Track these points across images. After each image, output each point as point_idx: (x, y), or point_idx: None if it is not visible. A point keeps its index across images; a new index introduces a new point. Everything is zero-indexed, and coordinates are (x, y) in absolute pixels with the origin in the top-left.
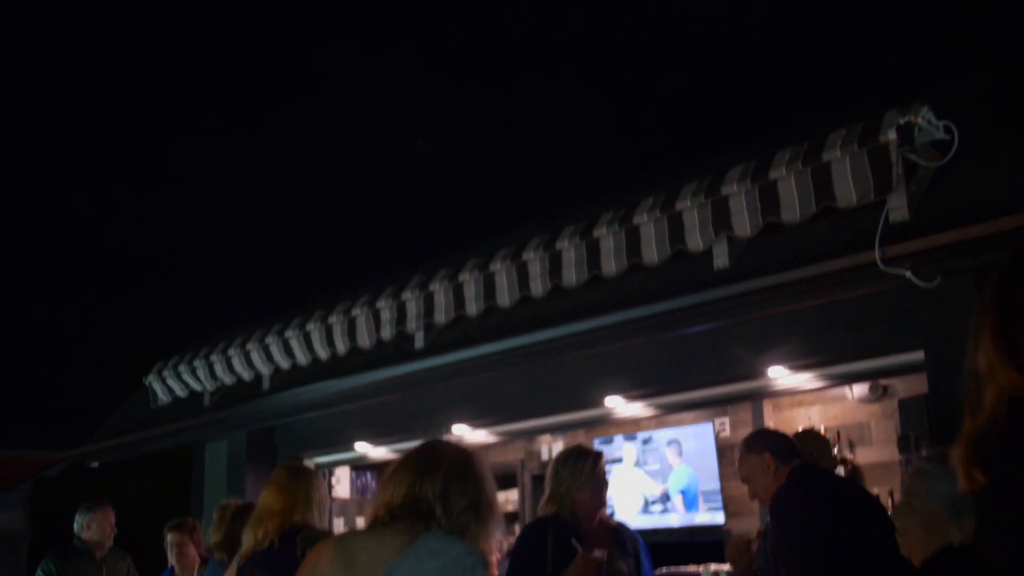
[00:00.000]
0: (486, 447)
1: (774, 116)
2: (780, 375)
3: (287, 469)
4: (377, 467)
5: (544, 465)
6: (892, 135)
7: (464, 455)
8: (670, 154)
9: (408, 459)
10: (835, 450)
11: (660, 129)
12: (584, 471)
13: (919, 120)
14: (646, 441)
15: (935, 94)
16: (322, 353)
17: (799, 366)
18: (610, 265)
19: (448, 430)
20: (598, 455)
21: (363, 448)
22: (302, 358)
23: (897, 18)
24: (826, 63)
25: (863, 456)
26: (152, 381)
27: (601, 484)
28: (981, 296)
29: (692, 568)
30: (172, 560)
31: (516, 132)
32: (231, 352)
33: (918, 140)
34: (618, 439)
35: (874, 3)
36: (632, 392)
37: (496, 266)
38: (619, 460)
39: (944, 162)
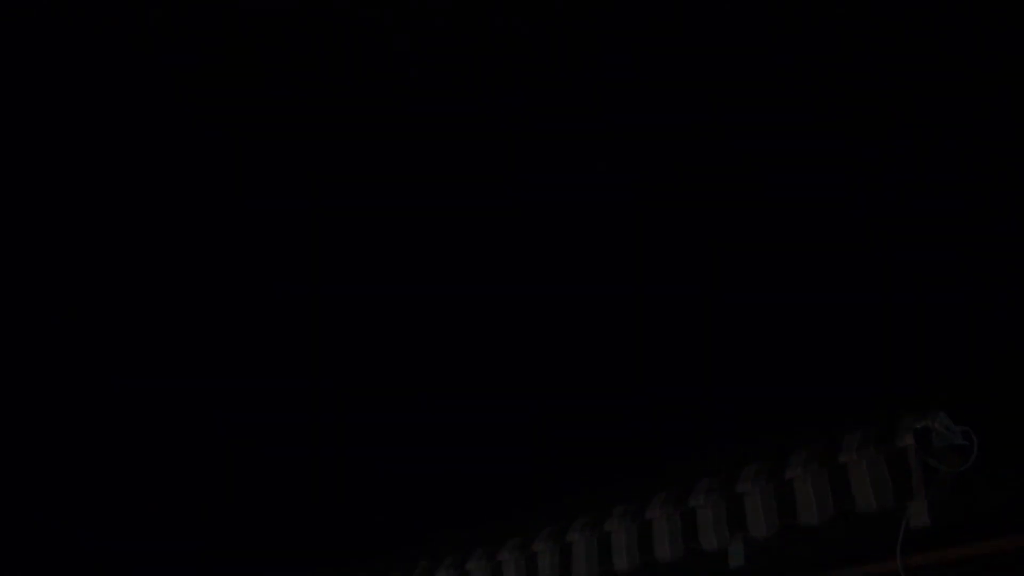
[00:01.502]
0: None
1: (788, 414)
2: None
3: None
4: None
5: None
6: (910, 440)
7: None
8: (683, 449)
9: None
10: None
11: (673, 422)
12: None
13: (936, 426)
14: None
15: (952, 398)
16: None
17: None
18: (622, 561)
19: None
20: None
21: None
22: None
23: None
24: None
25: None
26: None
27: None
28: None
29: None
30: None
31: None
32: None
33: (936, 445)
34: None
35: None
36: None
37: (504, 556)
38: None
39: (965, 468)
